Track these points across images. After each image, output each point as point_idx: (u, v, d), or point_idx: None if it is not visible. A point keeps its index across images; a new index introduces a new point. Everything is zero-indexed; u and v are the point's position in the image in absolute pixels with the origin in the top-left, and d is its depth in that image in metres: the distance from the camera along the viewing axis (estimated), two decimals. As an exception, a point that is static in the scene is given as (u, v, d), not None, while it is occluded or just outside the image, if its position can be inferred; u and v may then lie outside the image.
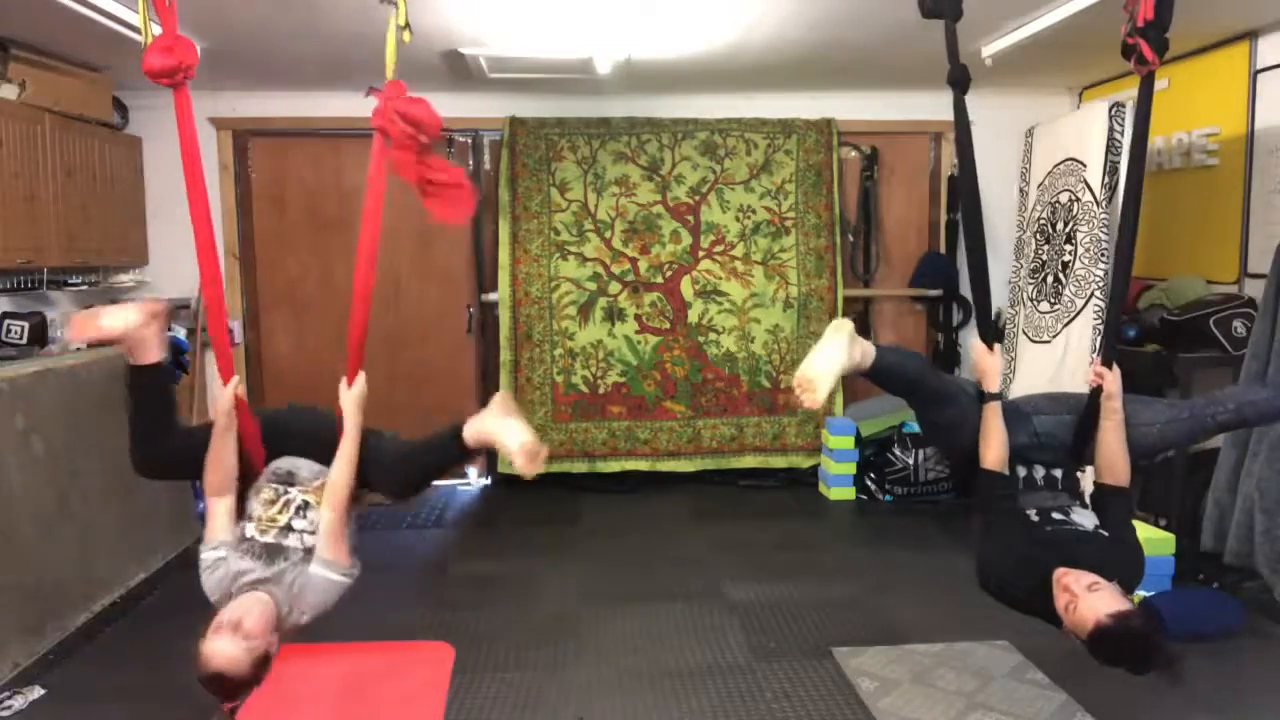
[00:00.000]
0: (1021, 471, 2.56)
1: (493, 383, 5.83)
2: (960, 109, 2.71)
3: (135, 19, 3.74)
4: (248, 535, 2.35)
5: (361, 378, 2.66)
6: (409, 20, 2.52)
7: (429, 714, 3.02)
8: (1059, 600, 2.22)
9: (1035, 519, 2.44)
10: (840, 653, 3.42)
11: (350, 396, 2.62)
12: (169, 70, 2.36)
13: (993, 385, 2.56)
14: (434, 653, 3.47)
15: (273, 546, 2.33)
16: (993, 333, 2.70)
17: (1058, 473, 2.56)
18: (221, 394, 2.48)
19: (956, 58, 2.67)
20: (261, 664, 2.15)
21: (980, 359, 2.62)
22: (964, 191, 2.73)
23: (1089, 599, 2.15)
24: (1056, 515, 2.44)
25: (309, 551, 2.34)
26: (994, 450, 2.48)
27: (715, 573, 4.30)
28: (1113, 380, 2.49)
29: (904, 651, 3.44)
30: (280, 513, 2.40)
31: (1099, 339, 4.16)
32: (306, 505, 2.42)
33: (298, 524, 2.39)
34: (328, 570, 2.31)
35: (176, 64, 2.37)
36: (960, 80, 2.68)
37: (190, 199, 2.47)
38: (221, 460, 2.44)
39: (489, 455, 5.97)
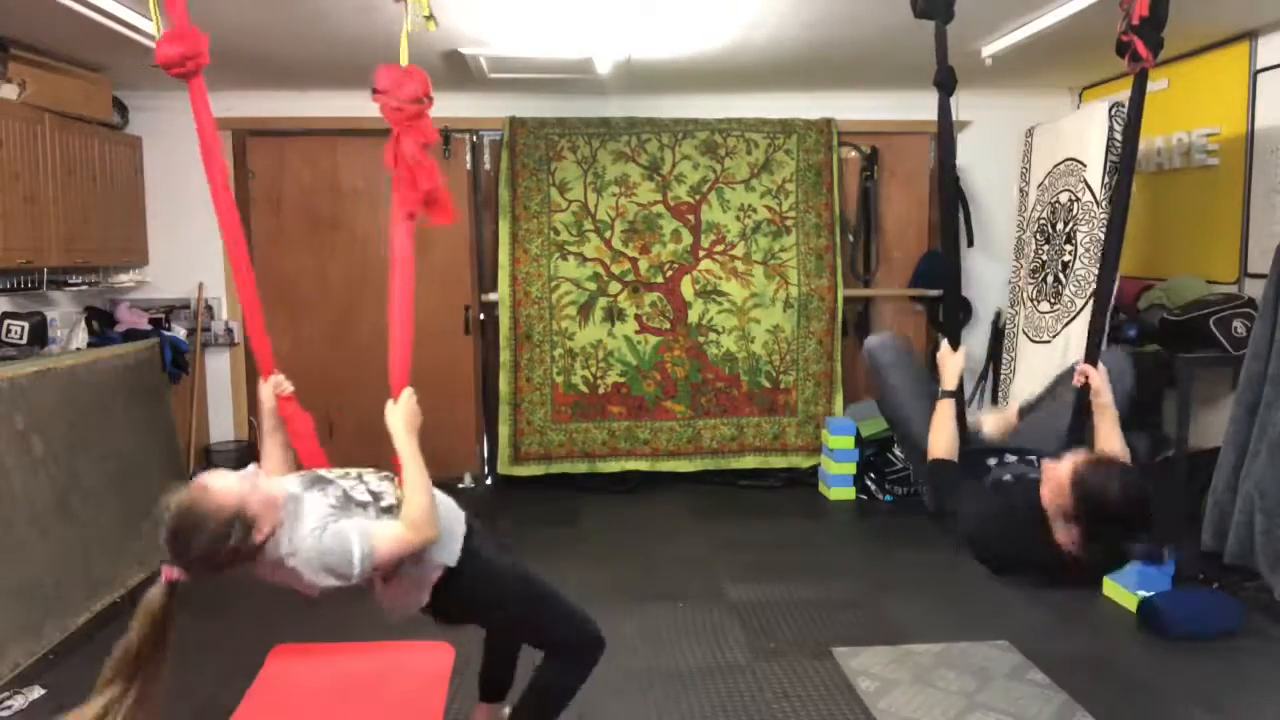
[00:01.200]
0: (992, 460, 2.61)
1: (493, 383, 5.84)
2: (944, 111, 2.73)
3: (135, 19, 3.76)
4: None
5: (409, 395, 2.36)
6: (432, 10, 2.53)
7: (429, 714, 3.02)
8: (1044, 494, 2.24)
9: (1007, 479, 2.49)
10: (840, 653, 3.42)
11: (395, 416, 2.32)
12: (179, 59, 2.36)
13: (948, 384, 2.66)
14: (434, 653, 3.47)
15: (321, 478, 2.19)
16: (957, 332, 2.78)
17: (1031, 457, 2.59)
18: (263, 393, 2.44)
19: (945, 59, 2.69)
20: (230, 523, 1.92)
21: (941, 358, 2.72)
22: (943, 193, 2.76)
23: (1062, 463, 2.22)
24: (1032, 475, 2.46)
25: (349, 500, 2.12)
26: (942, 444, 2.54)
27: (715, 573, 4.30)
28: (1098, 377, 2.52)
29: (904, 651, 3.44)
30: (361, 470, 2.29)
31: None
32: (391, 479, 2.26)
33: (369, 477, 2.25)
34: (355, 538, 2.01)
35: (184, 52, 2.36)
36: (946, 82, 2.70)
37: (214, 197, 2.43)
38: (269, 470, 2.35)
39: (489, 453, 5.98)
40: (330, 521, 2.06)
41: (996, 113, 5.72)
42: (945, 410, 2.58)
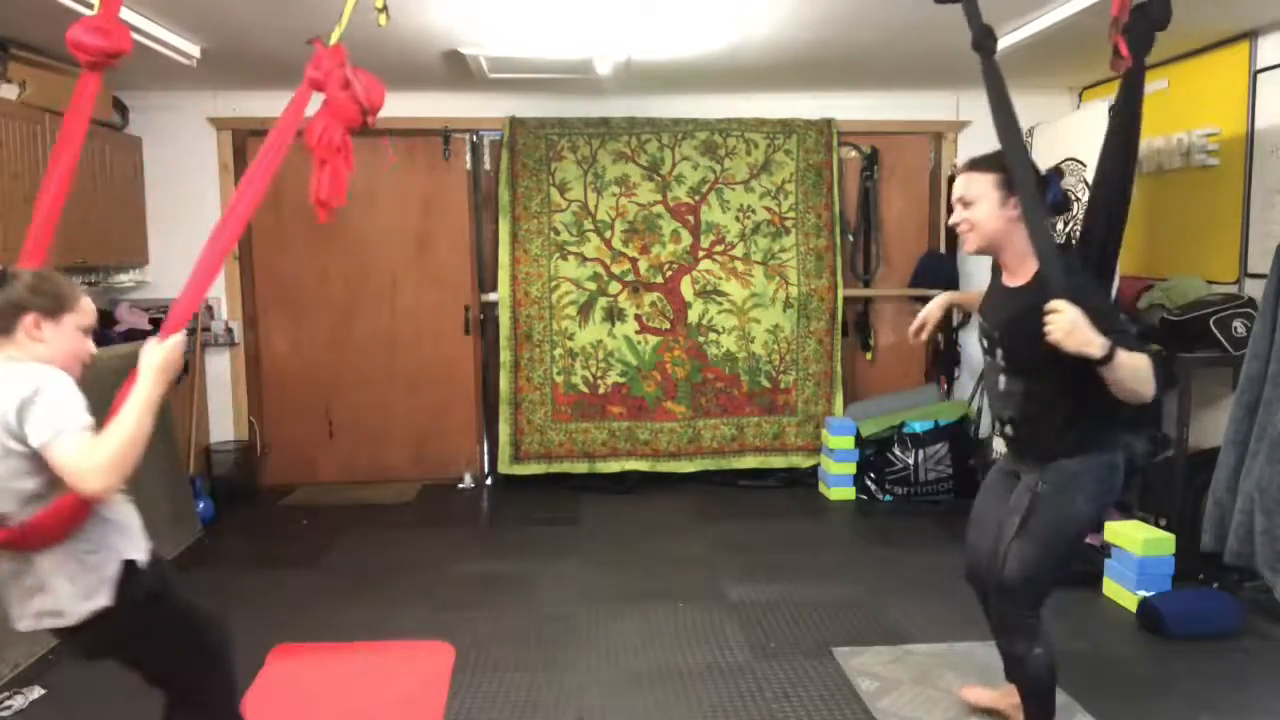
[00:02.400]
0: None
1: (493, 382, 5.84)
2: (991, 70, 2.51)
3: (135, 19, 3.75)
4: None
5: (178, 340, 2.02)
6: (387, 3, 2.48)
7: (429, 714, 3.02)
8: None
9: None
10: (840, 653, 3.42)
11: (153, 355, 1.98)
12: (106, 52, 2.30)
13: (1096, 349, 2.18)
14: (434, 652, 3.47)
15: None
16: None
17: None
18: None
19: (979, 20, 2.51)
20: (58, 293, 1.99)
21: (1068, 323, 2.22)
22: (1010, 151, 2.50)
23: None
24: None
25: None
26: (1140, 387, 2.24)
27: (715, 573, 4.30)
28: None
29: (904, 651, 3.44)
30: None
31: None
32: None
33: None
34: (73, 414, 1.88)
35: (107, 48, 2.28)
36: (984, 43, 2.50)
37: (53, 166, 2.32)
38: None
39: (489, 452, 5.98)
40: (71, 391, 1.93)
41: (996, 113, 5.71)
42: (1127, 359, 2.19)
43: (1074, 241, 4.55)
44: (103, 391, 4.40)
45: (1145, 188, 4.96)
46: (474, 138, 5.83)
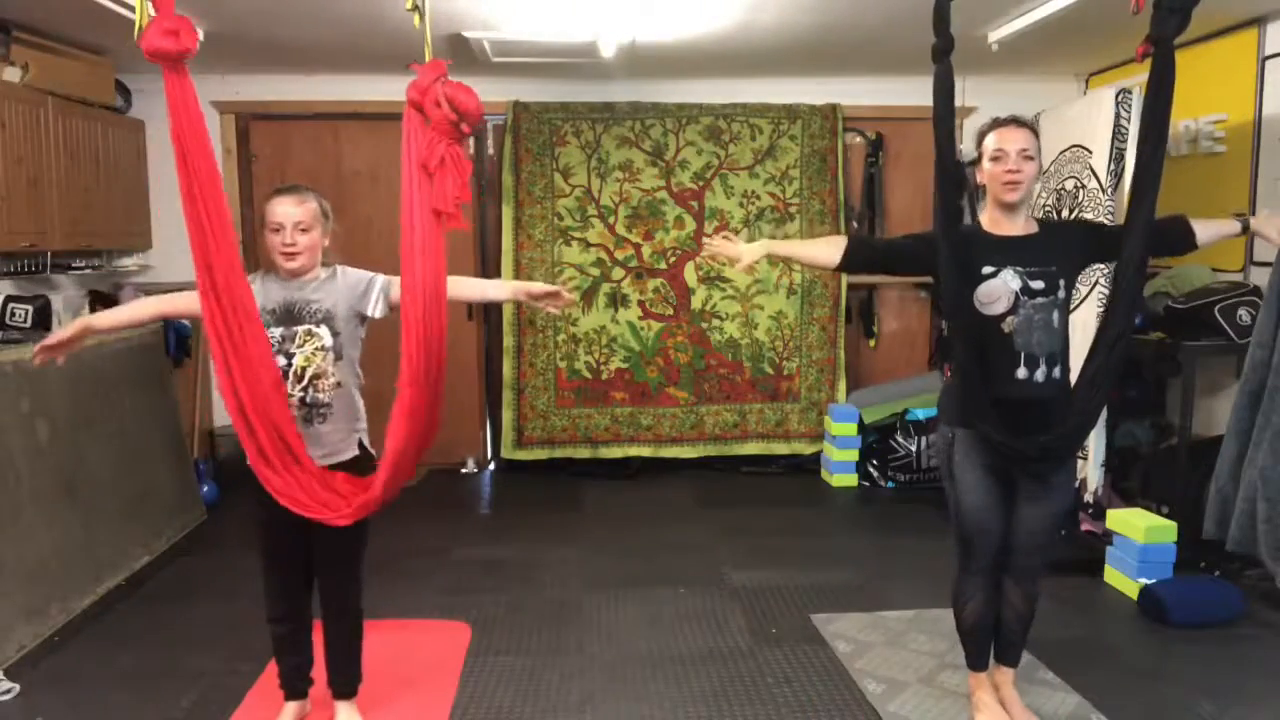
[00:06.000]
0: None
1: (496, 368, 5.85)
2: (944, 76, 2.60)
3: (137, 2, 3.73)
4: None
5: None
6: (417, 3, 2.51)
7: (442, 691, 3.05)
8: None
9: None
10: (840, 646, 3.43)
11: None
12: (180, 54, 2.34)
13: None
14: (449, 631, 3.50)
15: None
16: None
17: None
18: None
19: (945, 29, 2.57)
20: None
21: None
22: (940, 167, 2.71)
23: None
24: None
25: None
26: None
27: (717, 558, 4.31)
28: None
29: (908, 651, 3.42)
30: None
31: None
32: None
33: None
34: None
35: (184, 49, 2.34)
36: (947, 47, 2.58)
37: (191, 189, 2.37)
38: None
39: (492, 438, 5.99)
40: None
41: (1002, 99, 5.66)
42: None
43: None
44: (107, 375, 4.40)
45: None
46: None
